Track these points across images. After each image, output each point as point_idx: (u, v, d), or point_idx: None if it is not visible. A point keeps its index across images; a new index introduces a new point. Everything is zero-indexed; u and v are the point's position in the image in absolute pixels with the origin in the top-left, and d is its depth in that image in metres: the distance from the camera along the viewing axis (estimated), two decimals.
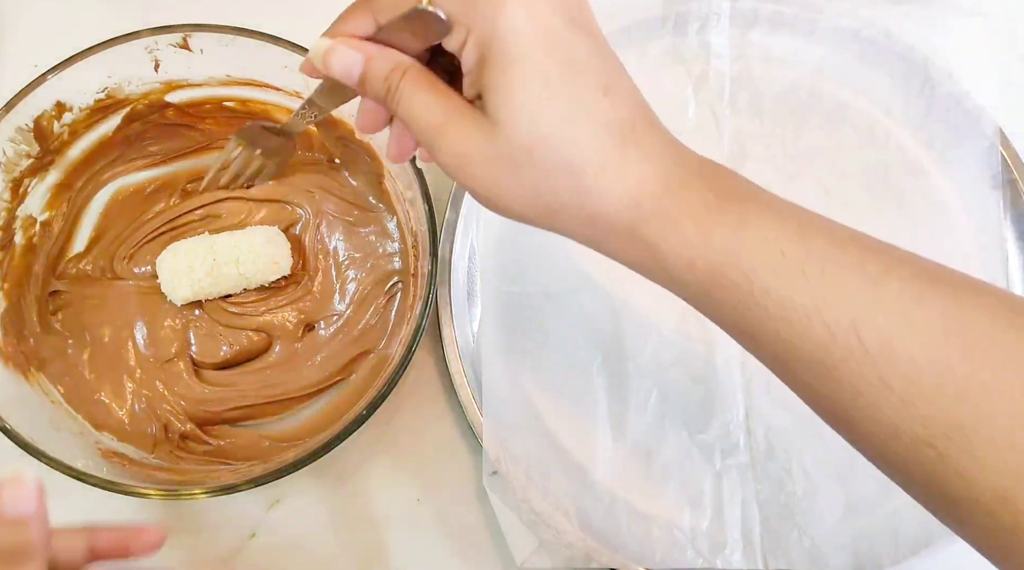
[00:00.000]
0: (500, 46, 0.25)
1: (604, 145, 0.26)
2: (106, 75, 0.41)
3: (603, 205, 0.26)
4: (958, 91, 0.47)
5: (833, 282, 0.24)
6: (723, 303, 0.26)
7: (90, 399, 0.42)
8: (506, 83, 0.25)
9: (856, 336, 0.24)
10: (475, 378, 0.43)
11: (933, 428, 0.23)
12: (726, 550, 0.42)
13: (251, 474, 0.38)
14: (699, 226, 0.25)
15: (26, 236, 0.43)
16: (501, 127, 0.26)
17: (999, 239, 0.46)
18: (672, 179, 0.26)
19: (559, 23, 0.26)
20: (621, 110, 0.26)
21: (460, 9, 0.26)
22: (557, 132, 0.25)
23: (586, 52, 0.26)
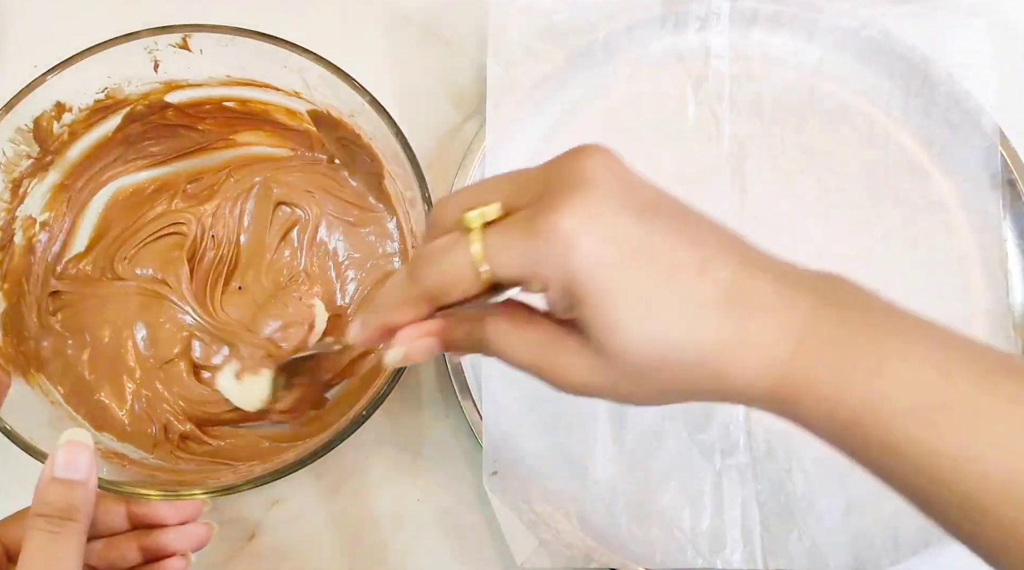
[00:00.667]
0: (586, 287, 0.24)
1: (721, 327, 0.25)
2: (106, 75, 0.41)
3: (736, 382, 0.25)
4: (958, 91, 0.47)
5: (985, 429, 0.23)
6: (865, 450, 0.25)
7: (90, 400, 0.42)
8: (603, 316, 0.24)
9: (1012, 482, 0.23)
10: (475, 378, 0.43)
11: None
12: (726, 550, 0.42)
13: (251, 474, 0.37)
14: (836, 375, 0.24)
15: (26, 236, 0.43)
16: (615, 356, 0.25)
17: (999, 239, 0.46)
18: (797, 326, 0.25)
19: (630, 226, 0.24)
20: (722, 277, 0.25)
21: (528, 267, 0.25)
22: (671, 340, 0.25)
23: (667, 240, 0.25)
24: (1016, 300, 0.46)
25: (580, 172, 0.25)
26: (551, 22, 0.47)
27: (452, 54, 0.50)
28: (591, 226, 0.24)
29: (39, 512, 0.31)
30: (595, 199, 0.24)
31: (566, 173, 0.25)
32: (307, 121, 0.45)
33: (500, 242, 0.25)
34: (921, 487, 0.25)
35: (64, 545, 0.31)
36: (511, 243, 0.25)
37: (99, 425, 0.42)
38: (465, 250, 0.26)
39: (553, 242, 0.24)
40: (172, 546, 0.35)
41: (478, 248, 0.25)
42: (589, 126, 0.48)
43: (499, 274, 0.25)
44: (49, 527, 0.30)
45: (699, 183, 0.47)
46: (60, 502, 0.31)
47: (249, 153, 0.46)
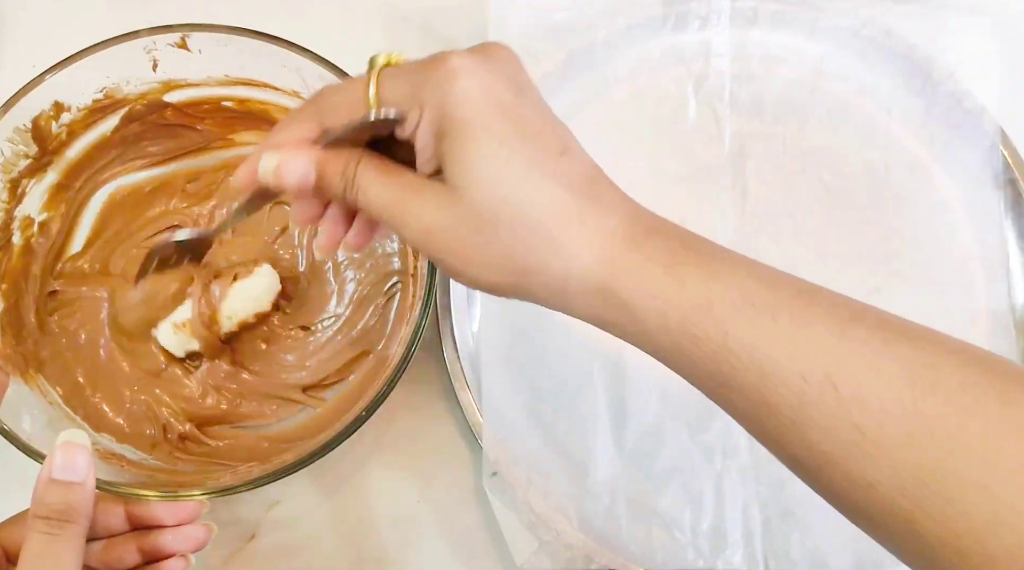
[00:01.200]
0: (456, 114, 0.26)
1: (569, 202, 0.26)
2: (104, 75, 0.41)
3: (573, 262, 0.26)
4: (959, 90, 0.47)
5: (804, 331, 0.24)
6: (696, 357, 0.26)
7: (89, 400, 0.42)
8: (465, 148, 0.26)
9: (831, 384, 0.24)
10: (475, 378, 0.43)
11: (906, 473, 0.23)
12: (727, 551, 0.42)
13: (250, 475, 0.37)
14: (670, 276, 0.26)
15: (24, 236, 0.43)
16: (464, 192, 0.26)
17: (1000, 239, 0.46)
18: (638, 231, 0.26)
19: (508, 91, 0.26)
20: (580, 168, 0.27)
21: (409, 90, 0.27)
22: (520, 191, 0.26)
23: (538, 118, 0.27)
24: (1017, 299, 0.46)
25: (484, 46, 0.27)
26: (551, 22, 0.47)
27: None
28: (476, 72, 0.26)
29: (38, 514, 0.31)
30: (486, 61, 0.27)
31: (472, 47, 0.27)
32: None
33: (395, 72, 0.28)
34: (750, 397, 0.25)
35: (63, 546, 0.31)
36: (403, 72, 0.28)
37: (98, 426, 0.42)
38: (363, 80, 0.28)
39: (439, 72, 0.26)
40: (171, 547, 0.35)
41: (374, 76, 0.28)
42: (589, 125, 0.48)
43: (386, 95, 0.27)
44: (48, 529, 0.31)
45: (699, 183, 0.47)
46: (58, 504, 0.31)
47: (248, 153, 0.45)
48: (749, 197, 0.47)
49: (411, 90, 0.27)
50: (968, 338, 0.45)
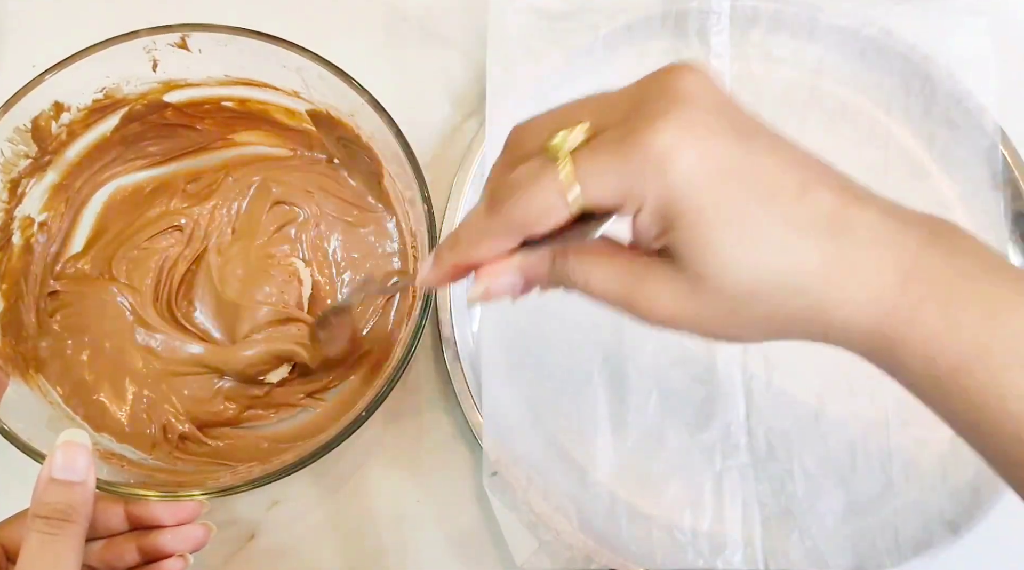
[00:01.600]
0: (683, 206, 0.23)
1: (823, 253, 0.23)
2: (104, 75, 0.41)
3: (839, 314, 0.24)
4: (959, 90, 0.47)
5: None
6: (956, 399, 0.24)
7: (89, 400, 0.42)
8: (701, 237, 0.23)
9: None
10: (475, 378, 0.43)
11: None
12: (727, 551, 0.42)
13: (250, 475, 0.37)
14: (945, 318, 0.23)
15: (24, 237, 0.43)
16: (709, 281, 0.24)
17: (1000, 239, 0.46)
18: (907, 261, 0.23)
19: (730, 147, 0.23)
20: (826, 202, 0.24)
21: (618, 186, 0.23)
22: (774, 264, 0.23)
23: (766, 160, 0.24)
24: None
25: (675, 89, 0.24)
26: (551, 22, 0.47)
27: (452, 54, 0.50)
28: (688, 142, 0.23)
29: (38, 513, 0.31)
30: (692, 116, 0.23)
31: (659, 90, 0.24)
32: (306, 121, 0.45)
33: (591, 164, 0.24)
34: (1010, 445, 0.23)
35: (63, 546, 0.31)
36: (603, 164, 0.23)
37: (98, 426, 0.42)
38: (553, 176, 0.24)
39: (648, 159, 0.23)
40: (170, 547, 0.35)
41: (568, 172, 0.24)
42: None
43: (591, 197, 0.24)
44: (48, 529, 0.30)
45: None
46: (58, 503, 0.31)
47: (248, 153, 0.46)
48: None
49: (619, 185, 0.23)
50: None
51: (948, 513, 0.42)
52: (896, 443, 0.43)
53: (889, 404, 0.44)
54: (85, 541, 0.35)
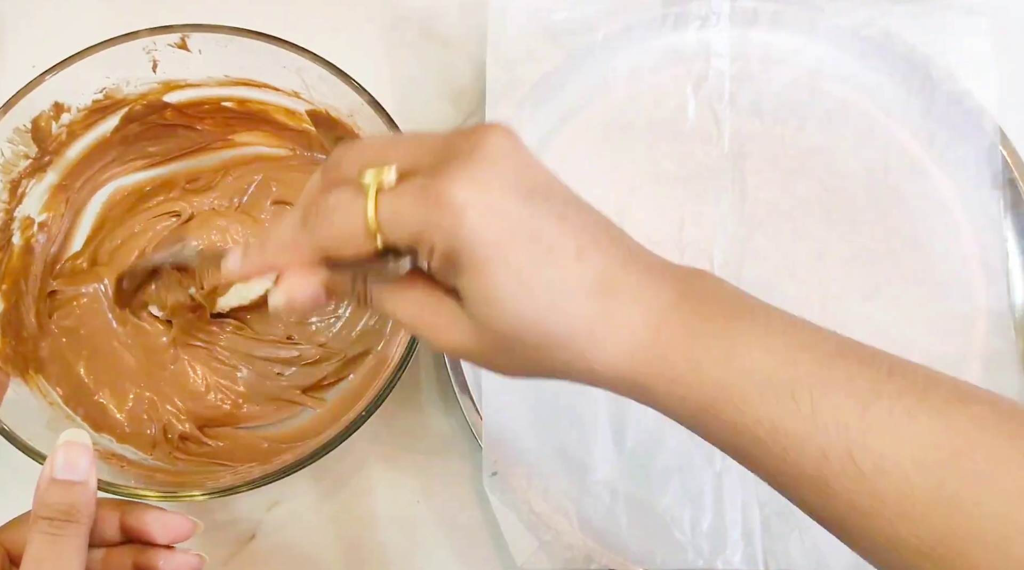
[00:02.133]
0: (469, 256, 0.25)
1: (589, 312, 0.26)
2: (104, 75, 0.41)
3: (599, 366, 0.27)
4: (958, 90, 0.47)
5: (823, 409, 0.25)
6: (717, 431, 0.27)
7: (89, 400, 0.42)
8: (481, 288, 0.26)
9: (850, 458, 0.24)
10: (475, 378, 0.43)
11: (929, 540, 0.24)
12: (726, 551, 0.42)
13: (250, 476, 0.37)
14: (689, 362, 0.26)
15: (24, 237, 0.43)
16: (486, 326, 0.26)
17: (999, 238, 0.46)
18: (657, 316, 0.26)
19: (518, 205, 0.25)
20: (597, 268, 0.26)
21: (415, 231, 0.26)
22: (541, 319, 0.26)
23: (551, 224, 0.26)
24: (1017, 300, 0.46)
25: (479, 146, 0.26)
26: (551, 21, 0.47)
27: (451, 54, 0.50)
28: (481, 200, 0.25)
29: (40, 514, 0.31)
30: (488, 176, 0.25)
31: (465, 145, 0.26)
32: (306, 121, 0.45)
33: (393, 206, 0.26)
34: (773, 467, 0.26)
35: (67, 546, 0.30)
36: (403, 208, 0.26)
37: (98, 426, 0.42)
38: (360, 210, 0.26)
39: (443, 211, 0.25)
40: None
41: (372, 210, 0.26)
42: (588, 126, 0.48)
43: (389, 238, 0.26)
44: (51, 529, 0.30)
45: (698, 183, 0.47)
46: (61, 503, 0.31)
47: (248, 153, 0.46)
48: (748, 197, 0.47)
49: (414, 230, 0.26)
50: (968, 338, 0.45)
51: None
52: None
53: None
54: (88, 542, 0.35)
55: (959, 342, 0.45)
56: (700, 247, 0.46)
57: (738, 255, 0.46)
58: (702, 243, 0.46)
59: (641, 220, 0.47)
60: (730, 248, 0.46)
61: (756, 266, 0.46)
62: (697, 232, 0.46)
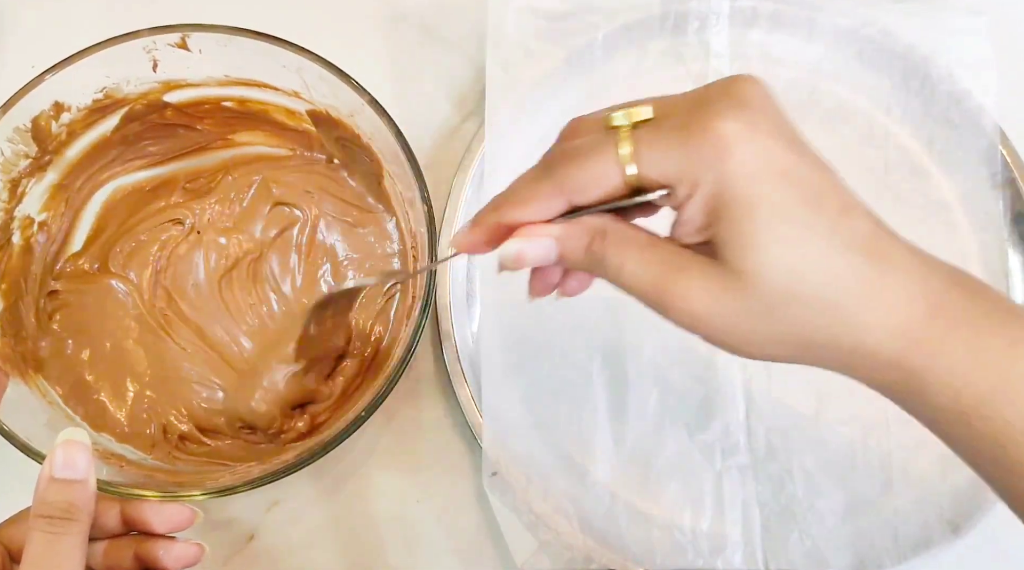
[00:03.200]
0: (737, 195, 0.23)
1: (861, 272, 0.24)
2: (104, 75, 0.41)
3: (867, 336, 0.24)
4: (958, 90, 0.47)
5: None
6: (981, 434, 0.24)
7: (89, 400, 0.42)
8: (751, 231, 0.23)
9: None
10: (475, 378, 0.43)
11: None
12: (726, 551, 0.42)
13: (250, 475, 0.37)
14: (970, 351, 0.24)
15: (24, 236, 0.43)
16: (748, 276, 0.24)
17: (999, 238, 0.46)
18: (934, 293, 0.24)
19: (784, 150, 0.24)
20: (864, 226, 0.24)
21: (676, 166, 0.24)
22: (814, 270, 0.24)
23: (816, 174, 0.24)
24: (1017, 299, 0.46)
25: (739, 93, 0.25)
26: (550, 22, 0.47)
27: (451, 54, 0.50)
28: (750, 136, 0.23)
29: (40, 513, 0.31)
30: (754, 117, 0.24)
31: (723, 92, 0.25)
32: (306, 121, 0.45)
33: (652, 140, 0.24)
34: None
35: (66, 544, 0.31)
36: (664, 141, 0.24)
37: (98, 426, 0.42)
38: (612, 147, 0.24)
39: (711, 144, 0.23)
40: (163, 561, 0.35)
41: (627, 145, 0.24)
42: None
43: (648, 173, 0.24)
44: (51, 528, 0.30)
45: None
46: (60, 502, 0.31)
47: (248, 153, 0.46)
48: None
49: (677, 165, 0.24)
50: None
51: (948, 513, 0.42)
52: (896, 443, 0.43)
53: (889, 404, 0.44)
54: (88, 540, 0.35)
55: None
56: None
57: None
58: None
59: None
60: None
61: None
62: None
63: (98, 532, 0.35)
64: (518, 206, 0.26)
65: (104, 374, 0.43)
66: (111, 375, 0.43)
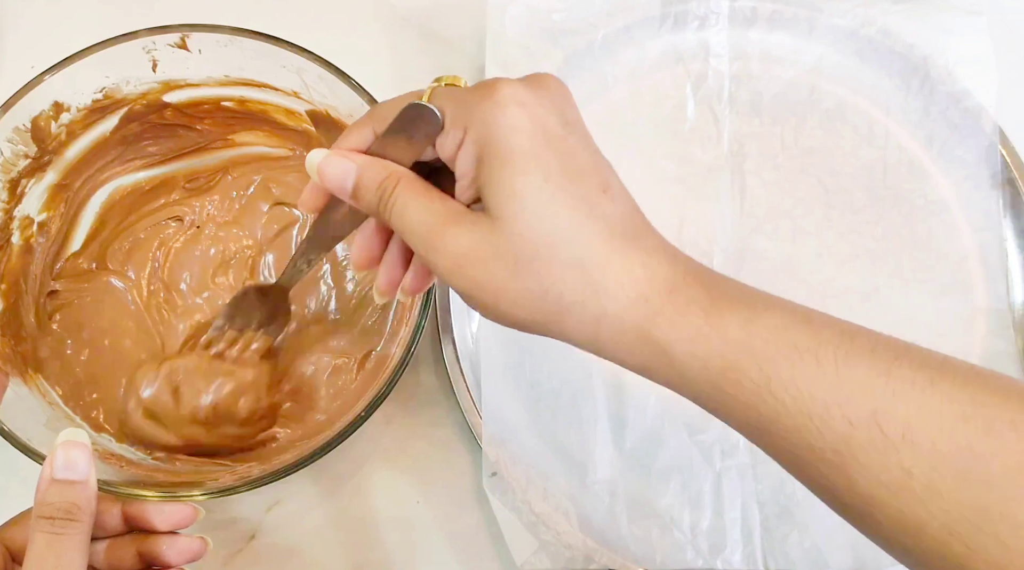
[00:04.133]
0: (500, 142, 0.26)
1: (610, 241, 0.26)
2: (104, 75, 0.41)
3: (610, 302, 0.26)
4: (957, 90, 0.47)
5: (848, 372, 0.24)
6: (735, 399, 0.25)
7: (89, 399, 0.42)
8: (508, 177, 0.26)
9: (877, 426, 0.23)
10: (475, 378, 0.43)
11: (958, 515, 0.22)
12: (726, 551, 0.42)
13: (250, 475, 0.37)
14: (710, 320, 0.25)
15: (23, 237, 0.43)
16: (504, 222, 0.26)
17: (999, 238, 0.46)
18: (677, 274, 0.26)
19: (556, 123, 0.26)
20: (621, 208, 0.27)
21: (456, 110, 0.27)
22: (562, 226, 0.25)
23: (584, 152, 0.27)
24: (1016, 299, 0.46)
25: (539, 78, 0.28)
26: (550, 22, 0.47)
27: (450, 54, 0.50)
28: (524, 104, 0.26)
29: (41, 514, 0.31)
30: (538, 93, 0.27)
31: (526, 77, 0.28)
32: (306, 121, 0.45)
33: (449, 92, 0.28)
34: (794, 442, 0.25)
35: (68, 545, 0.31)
36: (456, 94, 0.28)
37: (97, 426, 0.42)
38: (416, 93, 0.29)
39: (488, 98, 0.26)
40: (165, 557, 0.35)
41: (428, 92, 0.28)
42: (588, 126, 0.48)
43: (434, 103, 0.28)
44: (52, 528, 0.31)
45: (698, 183, 0.47)
46: (62, 502, 0.31)
47: (247, 153, 0.46)
48: (748, 197, 0.47)
49: (458, 110, 0.27)
50: (967, 338, 0.45)
51: None
52: None
53: None
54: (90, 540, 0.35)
55: (959, 341, 0.45)
56: (700, 247, 0.46)
57: (738, 255, 0.46)
58: (702, 243, 0.46)
59: None
60: (730, 248, 0.46)
61: (756, 266, 0.46)
62: (697, 232, 0.46)
63: (100, 531, 0.35)
64: (343, 138, 0.30)
65: (104, 373, 0.43)
66: (111, 374, 0.43)
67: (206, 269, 0.45)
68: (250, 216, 0.45)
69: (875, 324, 0.44)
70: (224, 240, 0.45)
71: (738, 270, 0.46)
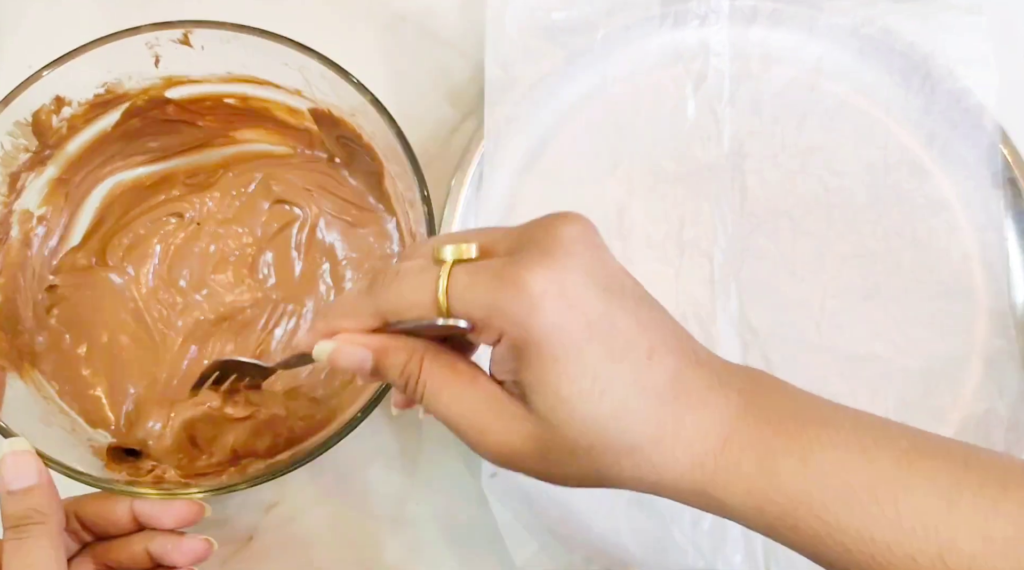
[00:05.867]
0: (542, 345, 0.24)
1: (660, 417, 0.25)
2: (106, 70, 0.41)
3: (666, 473, 0.26)
4: (958, 89, 0.47)
5: (908, 509, 0.24)
6: (794, 542, 0.26)
7: (86, 395, 0.42)
8: (554, 383, 0.25)
9: (941, 562, 0.24)
10: None
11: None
12: (727, 551, 0.41)
13: (248, 474, 0.37)
14: (764, 471, 0.25)
15: (23, 231, 0.42)
16: (555, 428, 0.25)
17: (1000, 237, 0.46)
18: (726, 424, 0.26)
19: (595, 297, 0.25)
20: (667, 365, 0.26)
21: (486, 309, 0.25)
22: (613, 421, 0.25)
23: (626, 320, 0.25)
24: (1017, 299, 0.46)
25: (557, 237, 0.25)
26: (549, 21, 0.47)
27: (450, 53, 0.50)
28: (557, 291, 0.24)
29: (7, 525, 0.32)
30: (566, 267, 0.25)
31: (543, 235, 0.26)
32: (308, 119, 0.45)
33: (467, 280, 0.25)
34: (855, 568, 0.25)
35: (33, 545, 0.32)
36: (477, 284, 0.25)
37: (94, 421, 0.42)
38: (431, 277, 0.26)
39: (519, 297, 0.24)
40: (171, 557, 0.36)
41: (444, 281, 0.26)
42: (587, 125, 0.48)
43: (457, 310, 0.25)
44: (17, 535, 0.32)
45: (698, 182, 0.47)
46: (20, 510, 0.32)
47: (249, 150, 0.46)
48: (748, 196, 0.47)
49: (487, 308, 0.25)
50: (968, 337, 0.45)
51: None
52: None
53: (889, 405, 0.44)
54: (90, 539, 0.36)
55: (959, 341, 0.45)
56: (700, 246, 0.46)
57: (738, 254, 0.46)
58: (702, 242, 0.46)
59: (641, 220, 0.47)
60: (730, 247, 0.46)
61: (756, 265, 0.46)
62: (697, 231, 0.46)
63: (111, 529, 0.36)
64: (340, 318, 0.28)
65: (101, 369, 0.43)
66: (108, 370, 0.43)
67: (206, 266, 0.44)
68: (250, 214, 0.45)
69: (875, 323, 0.45)
70: (224, 237, 0.45)
71: (738, 269, 0.46)
